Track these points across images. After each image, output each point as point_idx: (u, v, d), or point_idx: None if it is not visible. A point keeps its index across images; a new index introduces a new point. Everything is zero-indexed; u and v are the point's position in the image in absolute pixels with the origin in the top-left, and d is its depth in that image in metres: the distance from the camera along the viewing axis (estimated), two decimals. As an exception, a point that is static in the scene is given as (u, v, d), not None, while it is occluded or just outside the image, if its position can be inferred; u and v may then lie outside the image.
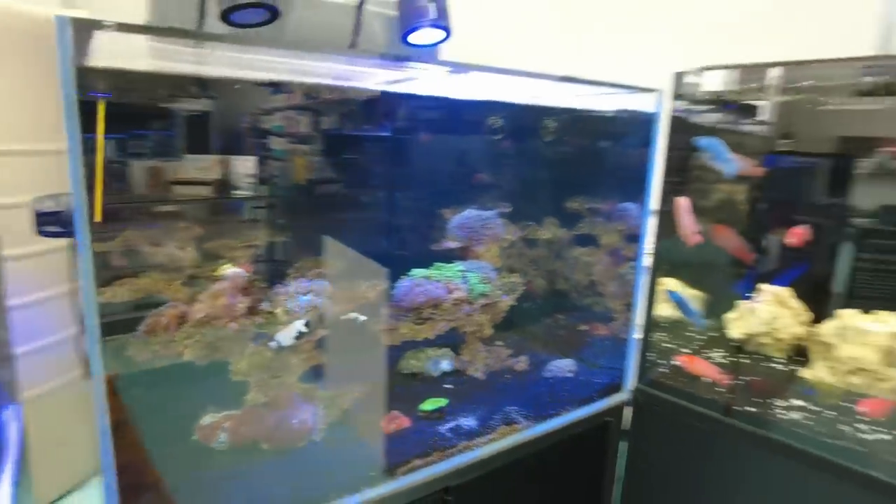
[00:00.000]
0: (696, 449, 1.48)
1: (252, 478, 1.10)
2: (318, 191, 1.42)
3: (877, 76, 1.49)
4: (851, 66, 1.53)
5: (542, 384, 1.54)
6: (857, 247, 1.87)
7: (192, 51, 1.05)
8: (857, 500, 1.21)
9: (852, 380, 1.43)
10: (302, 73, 1.43)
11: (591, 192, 1.69)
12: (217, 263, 1.23)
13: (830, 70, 1.57)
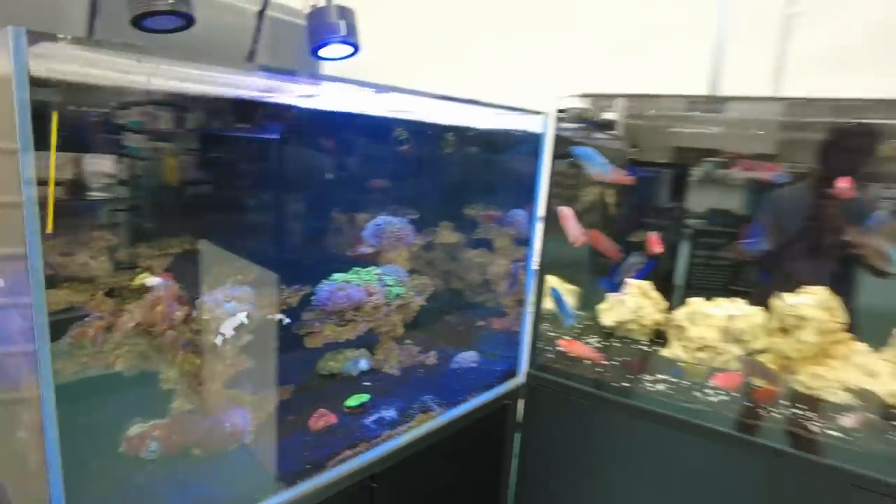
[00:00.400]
0: (580, 421, 1.72)
1: (187, 484, 1.12)
2: (234, 201, 1.44)
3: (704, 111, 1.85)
4: (687, 100, 1.88)
5: (450, 375, 1.69)
6: (693, 245, 2.27)
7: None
8: (709, 450, 1.51)
9: (700, 355, 1.76)
10: (203, 81, 1.44)
11: (487, 201, 1.88)
12: (133, 273, 1.22)
13: (671, 102, 1.92)
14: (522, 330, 1.86)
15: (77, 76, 0.89)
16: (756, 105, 2.02)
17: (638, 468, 1.63)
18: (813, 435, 1.46)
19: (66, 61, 0.86)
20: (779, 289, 1.74)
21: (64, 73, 0.87)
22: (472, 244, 1.93)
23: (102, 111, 1.19)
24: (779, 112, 2.00)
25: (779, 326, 1.72)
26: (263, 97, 1.41)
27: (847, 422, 1.48)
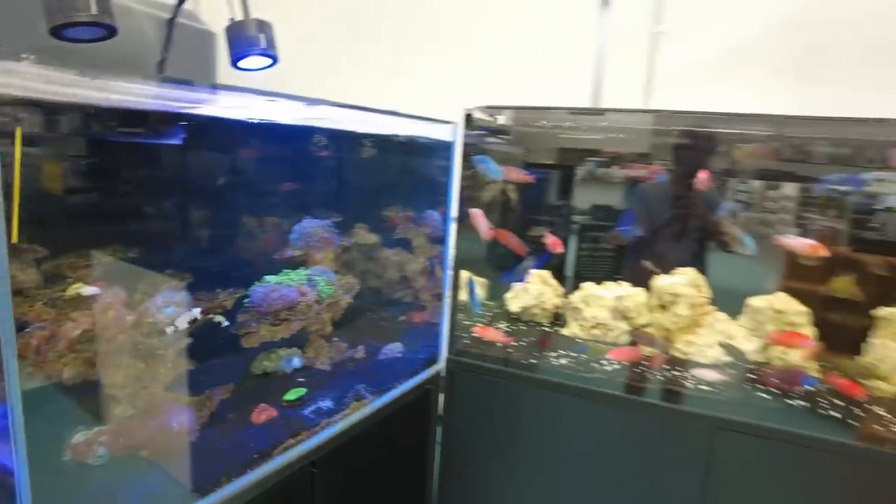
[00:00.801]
0: (495, 397, 1.91)
1: (141, 485, 1.17)
2: (167, 211, 1.48)
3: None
4: (569, 111, 2.15)
5: (379, 365, 1.82)
6: (580, 238, 2.57)
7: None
8: (606, 412, 1.76)
9: (594, 332, 2.02)
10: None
11: (405, 203, 2.02)
12: (65, 283, 1.24)
13: (556, 113, 2.18)
14: (441, 321, 2.02)
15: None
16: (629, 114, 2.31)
17: (548, 433, 1.85)
18: (687, 391, 1.75)
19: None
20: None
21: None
22: (392, 244, 2.06)
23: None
24: (648, 121, 2.30)
25: (658, 303, 2.01)
26: (184, 108, 1.47)
27: (711, 377, 1.78)
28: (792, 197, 2.71)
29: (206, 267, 1.53)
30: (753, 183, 2.69)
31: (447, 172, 1.93)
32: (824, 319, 1.97)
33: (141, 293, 1.32)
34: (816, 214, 2.58)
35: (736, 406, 1.69)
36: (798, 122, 2.11)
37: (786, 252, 1.96)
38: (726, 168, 2.64)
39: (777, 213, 2.70)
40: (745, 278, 2.14)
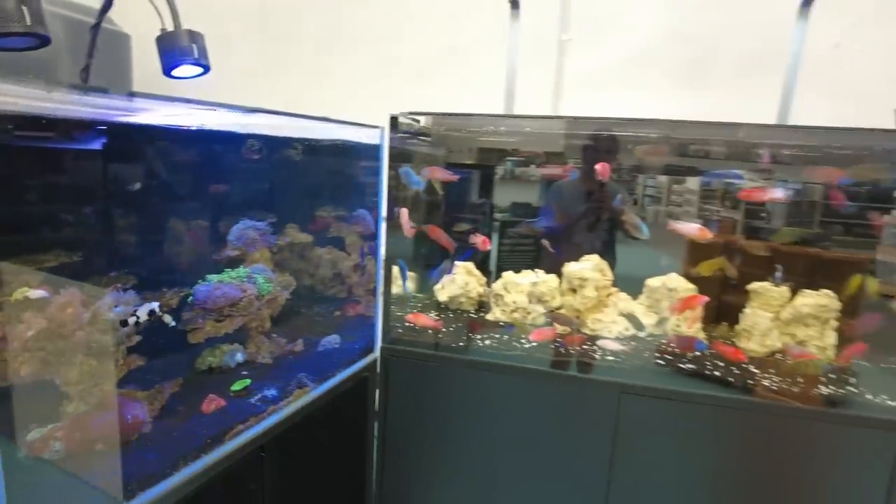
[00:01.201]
0: (427, 378, 2.08)
1: (98, 474, 1.24)
2: (112, 214, 1.54)
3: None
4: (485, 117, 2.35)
5: (318, 356, 1.94)
6: (501, 234, 2.79)
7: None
8: (526, 386, 1.97)
9: (514, 315, 2.23)
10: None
11: (337, 203, 2.15)
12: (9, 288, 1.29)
13: (474, 119, 2.38)
14: (375, 313, 2.17)
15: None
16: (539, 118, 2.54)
17: (476, 408, 2.04)
18: (596, 362, 1.99)
19: None
20: (567, 259, 2.29)
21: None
22: (325, 243, 2.18)
23: None
24: (558, 125, 2.53)
25: (569, 287, 2.25)
26: (119, 117, 1.54)
27: (615, 348, 2.04)
28: (694, 191, 3.06)
29: (150, 269, 1.60)
30: (660, 178, 3.01)
31: (376, 173, 2.08)
32: (717, 297, 2.29)
33: (87, 295, 1.39)
34: (716, 206, 2.93)
35: (637, 372, 1.96)
36: (683, 125, 2.38)
37: (687, 241, 2.29)
38: (634, 165, 2.95)
39: (682, 206, 3.04)
40: (651, 264, 2.41)
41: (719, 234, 2.72)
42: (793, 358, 2.02)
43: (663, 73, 3.71)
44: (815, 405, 1.81)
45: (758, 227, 2.69)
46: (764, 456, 1.85)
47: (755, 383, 1.89)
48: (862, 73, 3.53)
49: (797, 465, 1.84)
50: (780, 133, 2.32)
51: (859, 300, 2.09)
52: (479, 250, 2.27)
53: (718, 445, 1.87)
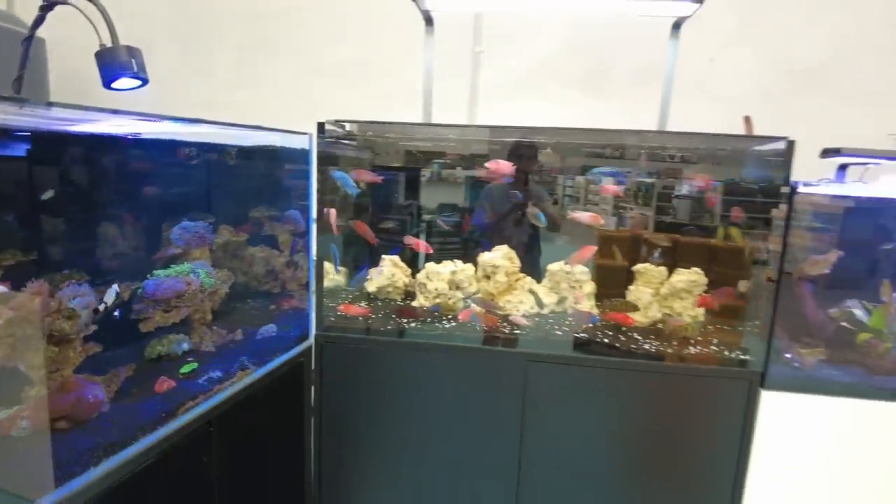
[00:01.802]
0: (359, 362, 2.31)
1: (64, 447, 1.40)
2: (64, 216, 1.68)
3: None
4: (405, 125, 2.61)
5: (257, 343, 2.13)
6: (428, 234, 3.07)
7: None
8: (445, 360, 2.24)
9: (437, 301, 2.50)
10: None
11: (270, 204, 2.34)
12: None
13: (395, 127, 2.63)
14: (309, 304, 2.38)
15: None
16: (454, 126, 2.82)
17: (405, 383, 2.29)
18: (508, 335, 2.30)
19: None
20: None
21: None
22: (260, 241, 2.37)
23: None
24: (472, 132, 2.83)
25: (483, 274, 2.55)
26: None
27: (523, 323, 2.35)
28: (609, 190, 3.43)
29: (101, 266, 1.74)
30: (578, 179, 3.37)
31: (306, 176, 2.29)
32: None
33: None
34: (630, 203, 3.30)
35: (542, 343, 2.28)
36: (577, 132, 2.75)
37: (598, 234, 2.69)
38: (555, 167, 3.29)
39: (599, 205, 3.41)
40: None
41: (630, 228, 3.12)
42: (672, 326, 2.40)
43: (565, 83, 4.12)
44: (682, 363, 2.20)
45: (664, 221, 3.08)
46: (646, 408, 2.22)
47: (637, 348, 2.26)
48: (732, 84, 4.08)
49: (673, 414, 2.22)
50: (654, 137, 2.71)
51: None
52: (411, 249, 2.55)
53: (610, 402, 2.22)
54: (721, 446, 2.18)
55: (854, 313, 2.29)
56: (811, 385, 2.13)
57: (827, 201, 2.34)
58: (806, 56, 4.03)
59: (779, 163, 2.09)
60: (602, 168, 2.90)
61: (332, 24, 4.38)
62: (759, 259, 2.44)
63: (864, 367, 2.22)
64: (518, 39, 4.19)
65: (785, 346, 2.23)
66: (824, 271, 2.21)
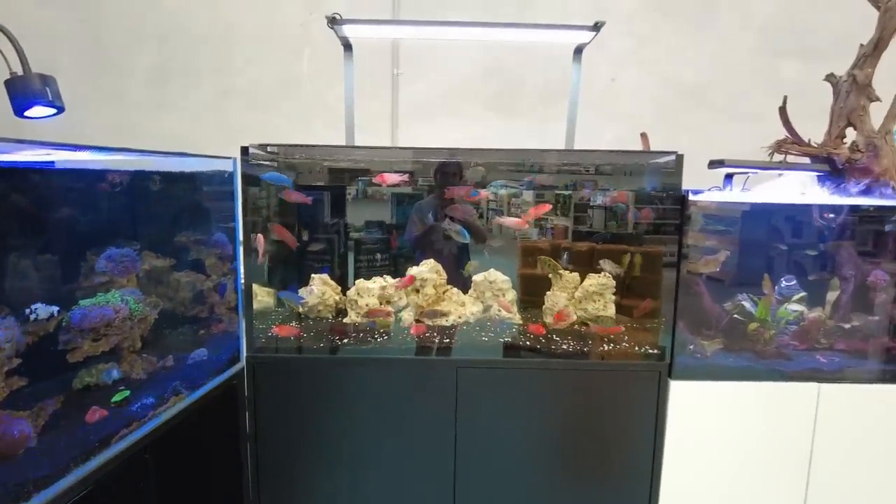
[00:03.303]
0: (293, 380, 2.35)
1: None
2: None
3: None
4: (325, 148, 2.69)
5: (189, 368, 2.13)
6: (356, 251, 3.14)
7: None
8: (379, 373, 2.32)
9: (367, 317, 2.58)
10: None
11: (196, 229, 2.34)
12: None
13: (317, 150, 2.71)
14: (239, 326, 2.39)
15: None
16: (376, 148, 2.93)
17: (340, 399, 2.35)
18: (439, 345, 2.42)
19: None
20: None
21: None
22: (186, 266, 2.36)
23: None
24: (392, 153, 2.94)
25: (412, 288, 2.66)
26: None
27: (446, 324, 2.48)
28: (529, 202, 3.62)
29: (25, 298, 1.70)
30: (501, 193, 3.52)
31: (231, 199, 2.32)
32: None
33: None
34: (551, 215, 3.47)
35: (469, 349, 2.41)
36: (497, 153, 2.92)
37: (520, 245, 2.86)
38: (477, 182, 3.44)
39: (521, 216, 3.56)
40: (496, 267, 2.89)
41: (553, 238, 3.31)
42: (599, 332, 2.60)
43: (479, 103, 4.34)
44: (596, 359, 2.40)
45: (582, 230, 3.28)
46: (568, 405, 2.40)
47: (555, 349, 2.44)
48: (632, 101, 4.45)
49: (593, 408, 2.41)
50: (563, 155, 2.94)
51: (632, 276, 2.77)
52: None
53: (534, 400, 2.38)
54: (638, 434, 2.39)
55: (744, 305, 2.58)
56: (713, 372, 2.38)
57: (715, 207, 2.64)
58: (692, 77, 4.48)
59: (672, 173, 2.34)
60: (499, 181, 3.07)
61: (248, 46, 4.38)
62: (668, 262, 2.71)
63: (754, 353, 2.51)
64: (434, 62, 4.37)
65: (689, 339, 2.48)
66: (715, 269, 2.49)
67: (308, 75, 4.54)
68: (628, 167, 2.99)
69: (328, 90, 4.40)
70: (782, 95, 2.84)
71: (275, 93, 4.66)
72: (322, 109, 4.39)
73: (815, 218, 2.67)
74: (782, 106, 2.81)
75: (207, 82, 4.70)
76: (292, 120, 4.59)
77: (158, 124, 4.51)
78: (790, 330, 2.61)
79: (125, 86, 4.71)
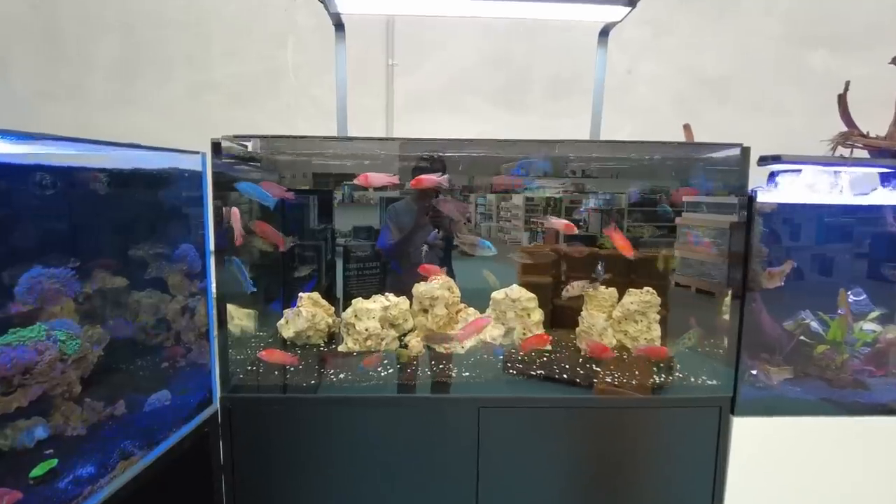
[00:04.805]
0: (278, 425, 1.91)
1: None
2: None
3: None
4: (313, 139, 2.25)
5: (145, 418, 1.67)
6: (345, 259, 2.71)
7: None
8: (387, 415, 1.89)
9: (368, 343, 2.14)
10: None
11: (156, 239, 1.89)
12: None
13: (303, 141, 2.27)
14: (211, 359, 1.94)
15: None
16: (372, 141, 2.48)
17: (337, 447, 1.91)
18: (453, 380, 1.99)
19: None
20: (410, 277, 2.27)
21: None
22: (145, 285, 1.91)
23: None
24: (390, 147, 2.50)
25: (420, 308, 2.23)
26: None
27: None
28: (519, 206, 3.25)
29: None
30: (489, 196, 3.15)
31: (200, 203, 1.88)
32: (552, 302, 2.44)
33: None
34: (541, 219, 3.12)
35: (493, 383, 1.99)
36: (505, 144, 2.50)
37: (519, 252, 2.45)
38: (466, 186, 3.05)
39: (511, 221, 3.20)
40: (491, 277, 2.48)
41: (544, 243, 2.95)
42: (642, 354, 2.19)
43: (483, 96, 3.93)
44: (646, 394, 1.99)
45: (577, 235, 2.94)
46: (612, 445, 1.98)
47: (599, 381, 2.03)
48: (649, 95, 4.07)
49: (640, 448, 2.00)
50: (607, 148, 2.52)
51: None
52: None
53: (573, 442, 1.96)
54: (694, 484, 1.99)
55: (809, 325, 2.19)
56: (782, 406, 1.99)
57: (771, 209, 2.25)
58: (712, 69, 4.12)
59: (732, 170, 1.95)
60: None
61: (226, 36, 3.93)
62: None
63: (826, 382, 2.12)
64: (432, 52, 3.96)
65: (750, 366, 2.08)
66: (780, 283, 2.09)
67: (293, 67, 4.09)
68: (673, 162, 2.55)
69: (315, 83, 3.95)
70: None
71: (256, 87, 4.20)
72: (309, 104, 3.95)
73: (890, 222, 2.28)
74: (842, 93, 2.43)
75: (180, 76, 4.23)
76: (275, 117, 4.14)
77: (125, 122, 4.05)
78: (862, 353, 2.23)
79: (86, 79, 4.22)
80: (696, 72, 4.11)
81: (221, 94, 4.14)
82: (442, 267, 2.34)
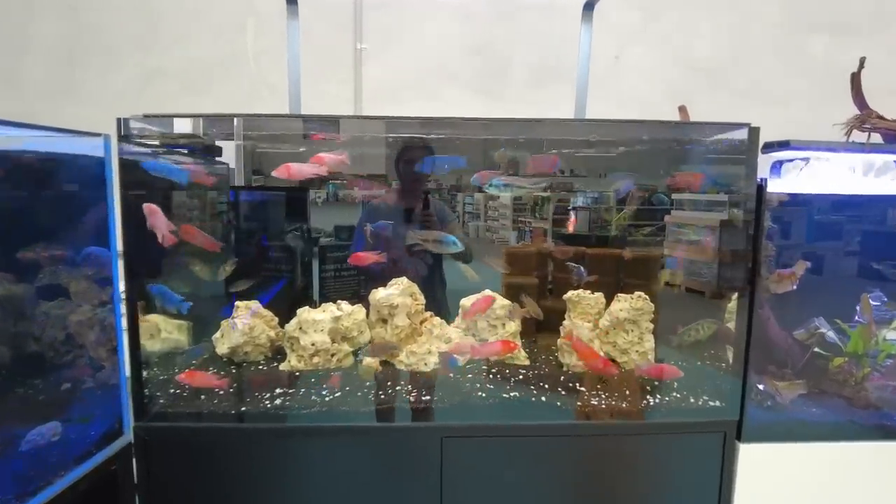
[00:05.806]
0: (206, 461, 1.60)
1: None
2: None
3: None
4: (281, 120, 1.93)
5: (23, 459, 1.35)
6: (321, 259, 2.39)
7: None
8: (333, 447, 1.59)
9: (315, 360, 1.83)
10: None
11: (50, 239, 1.57)
12: None
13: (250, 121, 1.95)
14: (122, 381, 1.62)
15: None
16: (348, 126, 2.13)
17: (276, 483, 1.60)
18: (416, 405, 1.68)
19: None
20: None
21: None
22: (40, 293, 1.60)
23: None
24: (362, 133, 2.17)
25: (378, 318, 1.93)
26: None
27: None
28: (507, 205, 2.98)
29: None
30: (477, 196, 2.87)
31: (104, 196, 1.56)
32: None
33: None
34: (529, 218, 2.91)
35: (459, 409, 1.68)
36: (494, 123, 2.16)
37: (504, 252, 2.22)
38: (453, 185, 2.77)
39: (499, 220, 2.94)
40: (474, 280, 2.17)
41: (532, 243, 2.67)
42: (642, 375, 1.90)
43: (458, 84, 3.63)
44: (638, 419, 1.70)
45: (563, 234, 2.70)
46: (598, 474, 1.70)
47: (583, 404, 1.73)
48: (639, 83, 3.79)
49: (631, 482, 1.71)
50: (576, 129, 2.21)
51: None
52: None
53: (554, 473, 1.67)
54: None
55: (824, 334, 1.91)
56: (796, 429, 1.71)
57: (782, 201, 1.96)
58: (707, 55, 3.85)
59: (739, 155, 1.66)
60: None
61: (179, 19, 3.60)
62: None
63: (844, 399, 1.84)
64: (404, 36, 3.66)
65: (756, 381, 1.80)
66: (791, 287, 1.81)
67: (252, 53, 3.76)
68: (666, 145, 2.23)
69: (275, 70, 3.60)
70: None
71: (212, 74, 3.86)
72: (268, 93, 3.63)
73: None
74: (856, 72, 2.15)
75: (129, 62, 3.88)
76: (233, 106, 3.77)
77: (66, 112, 3.68)
78: (884, 366, 1.95)
79: (22, 66, 3.87)
80: (689, 58, 3.84)
81: (174, 83, 3.81)
82: (397, 261, 2.02)
